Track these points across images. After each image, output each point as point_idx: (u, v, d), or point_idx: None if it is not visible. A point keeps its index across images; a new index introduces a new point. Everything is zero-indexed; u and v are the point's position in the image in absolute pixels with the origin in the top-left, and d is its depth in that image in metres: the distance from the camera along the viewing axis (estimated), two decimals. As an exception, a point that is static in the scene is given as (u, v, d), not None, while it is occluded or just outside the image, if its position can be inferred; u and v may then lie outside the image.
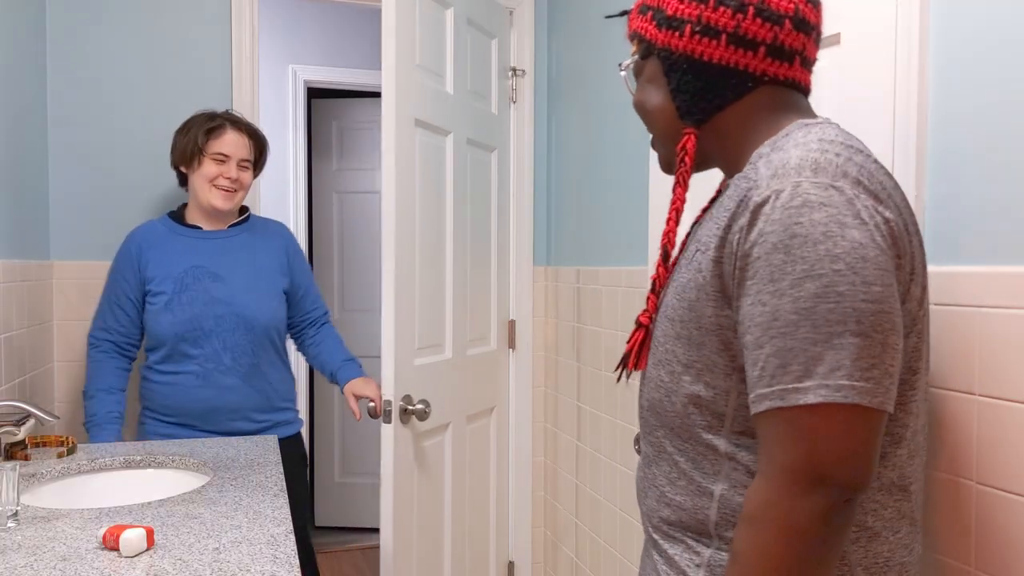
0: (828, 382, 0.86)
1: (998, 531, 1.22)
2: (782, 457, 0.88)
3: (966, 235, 1.28)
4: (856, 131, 1.47)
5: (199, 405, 2.21)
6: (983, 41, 1.25)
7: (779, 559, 0.87)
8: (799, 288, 0.87)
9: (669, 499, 1.06)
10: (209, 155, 2.21)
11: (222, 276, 2.23)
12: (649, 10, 1.07)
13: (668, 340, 1.03)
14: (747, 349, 0.92)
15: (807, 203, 0.88)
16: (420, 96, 2.28)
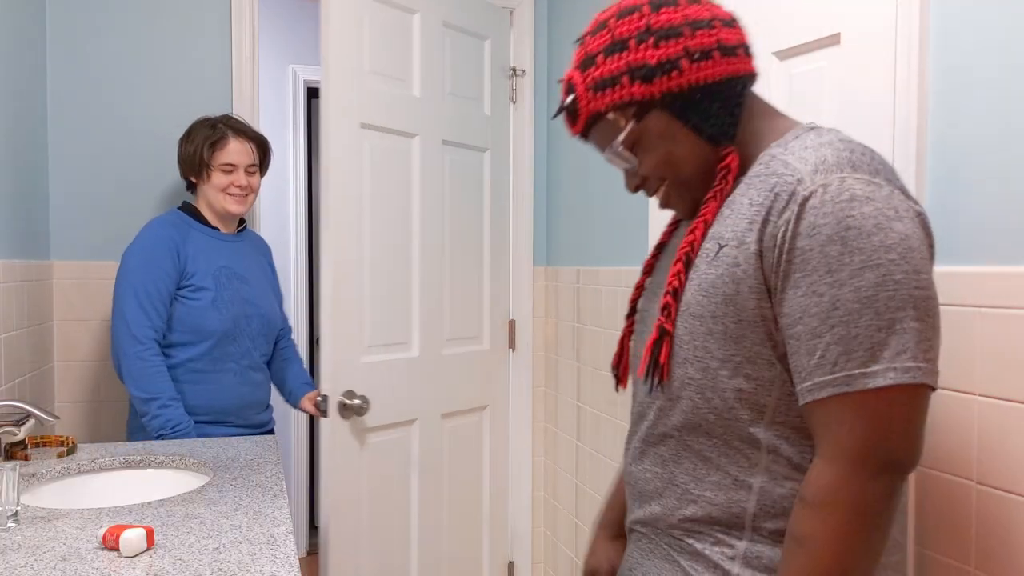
0: (896, 365, 0.90)
1: (998, 531, 1.22)
2: (850, 441, 0.92)
3: (966, 235, 1.28)
4: (856, 131, 1.47)
5: (237, 401, 2.28)
6: (983, 41, 1.25)
7: (851, 540, 0.91)
8: (859, 278, 0.91)
9: (696, 496, 1.07)
10: (217, 167, 2.27)
11: (246, 278, 2.33)
12: (618, 77, 1.05)
13: (697, 338, 1.03)
14: (798, 339, 0.95)
15: (855, 197, 0.93)
16: (371, 100, 2.39)
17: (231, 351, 2.26)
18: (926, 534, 1.34)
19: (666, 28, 1.04)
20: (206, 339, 2.21)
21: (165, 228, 2.24)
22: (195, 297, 2.20)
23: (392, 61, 2.46)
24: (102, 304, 2.55)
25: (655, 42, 1.03)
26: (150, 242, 2.21)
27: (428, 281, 2.62)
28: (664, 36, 1.03)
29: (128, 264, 2.19)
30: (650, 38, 1.04)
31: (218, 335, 2.22)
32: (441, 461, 2.71)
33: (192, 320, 2.20)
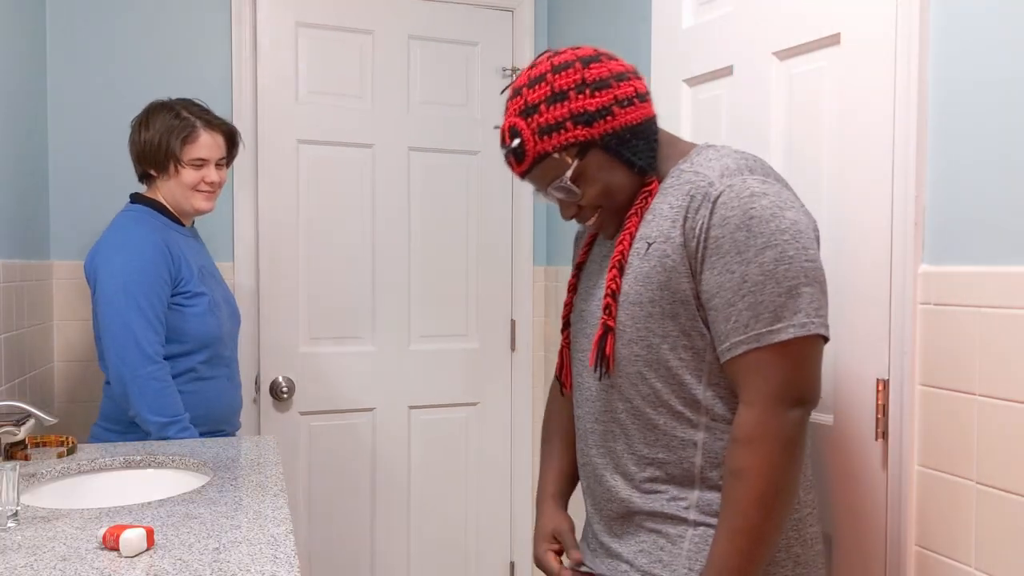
0: (794, 322, 1.13)
1: (998, 531, 1.22)
2: (766, 386, 1.13)
3: (966, 235, 1.28)
4: (856, 131, 1.47)
5: (232, 406, 2.19)
6: (983, 41, 1.25)
7: (781, 466, 1.13)
8: (762, 255, 1.13)
9: (652, 458, 1.24)
10: (187, 162, 2.04)
11: (216, 277, 2.20)
12: (564, 122, 1.22)
13: (638, 321, 1.22)
14: (716, 310, 1.17)
15: (755, 193, 1.15)
16: (308, 118, 2.72)
17: (224, 356, 2.14)
18: (926, 534, 1.35)
19: (598, 80, 1.22)
20: (206, 346, 2.07)
21: (150, 230, 2.02)
22: (192, 304, 2.04)
23: (336, 79, 2.75)
24: (102, 304, 2.55)
25: (591, 92, 1.21)
26: (144, 252, 1.98)
27: (388, 281, 2.83)
28: (597, 87, 1.22)
29: (125, 275, 1.95)
30: (586, 89, 1.21)
31: (215, 340, 2.09)
32: (406, 450, 2.87)
33: (192, 328, 2.03)
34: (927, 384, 1.35)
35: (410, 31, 2.83)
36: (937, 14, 1.33)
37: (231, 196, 2.66)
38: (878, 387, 1.41)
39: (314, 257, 2.76)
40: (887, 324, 1.40)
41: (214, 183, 2.10)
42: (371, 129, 2.80)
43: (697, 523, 1.22)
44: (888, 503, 1.40)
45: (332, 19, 2.76)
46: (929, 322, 1.34)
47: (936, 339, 1.33)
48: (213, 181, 2.09)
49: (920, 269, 1.36)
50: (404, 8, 2.83)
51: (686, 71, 1.92)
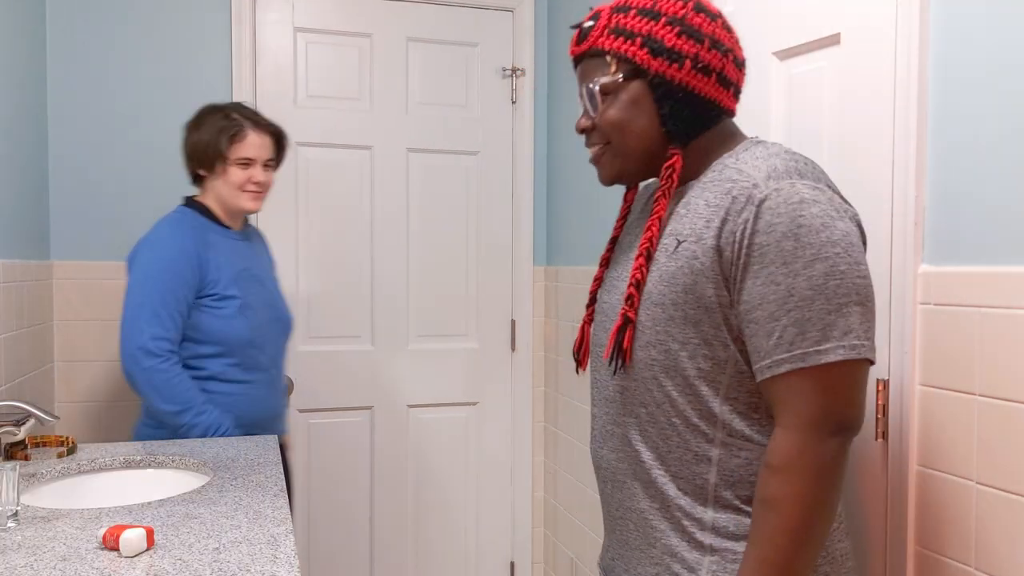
0: (844, 343, 1.03)
1: (998, 531, 1.22)
2: (807, 410, 1.04)
3: (966, 235, 1.28)
4: (856, 131, 1.47)
5: (270, 412, 2.16)
6: (983, 41, 1.25)
7: (816, 497, 1.04)
8: (811, 268, 1.04)
9: (662, 471, 1.17)
10: (233, 161, 2.07)
11: (262, 280, 2.17)
12: (636, 36, 1.15)
13: (659, 323, 1.14)
14: (756, 323, 1.07)
15: (804, 200, 1.05)
16: (307, 122, 2.76)
17: (260, 360, 2.11)
18: (926, 534, 1.34)
19: (693, 29, 1.14)
20: (235, 349, 2.06)
21: (183, 234, 2.05)
22: (221, 306, 2.04)
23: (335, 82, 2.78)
24: (102, 304, 2.55)
25: (679, 32, 1.14)
26: (169, 251, 2.02)
27: (387, 280, 2.84)
28: (688, 33, 1.14)
29: (145, 271, 2.02)
30: (678, 27, 1.14)
31: (246, 344, 2.07)
32: (406, 447, 2.89)
33: (219, 330, 2.04)
34: (927, 384, 1.35)
35: (408, 33, 2.85)
36: (937, 14, 1.33)
37: (231, 196, 2.66)
38: (878, 387, 1.41)
39: (313, 257, 2.77)
40: (887, 324, 1.40)
41: (261, 183, 2.11)
42: (370, 131, 2.81)
43: (714, 549, 1.13)
44: (888, 503, 1.40)
45: (331, 22, 2.77)
46: (929, 322, 1.34)
47: (936, 339, 1.33)
48: (260, 181, 2.10)
49: (920, 269, 1.36)
50: (402, 10, 2.83)
51: (686, 71, 1.92)
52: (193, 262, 2.01)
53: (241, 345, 2.06)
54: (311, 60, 2.75)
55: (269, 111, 2.69)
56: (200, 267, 2.02)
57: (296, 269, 2.75)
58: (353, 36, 2.80)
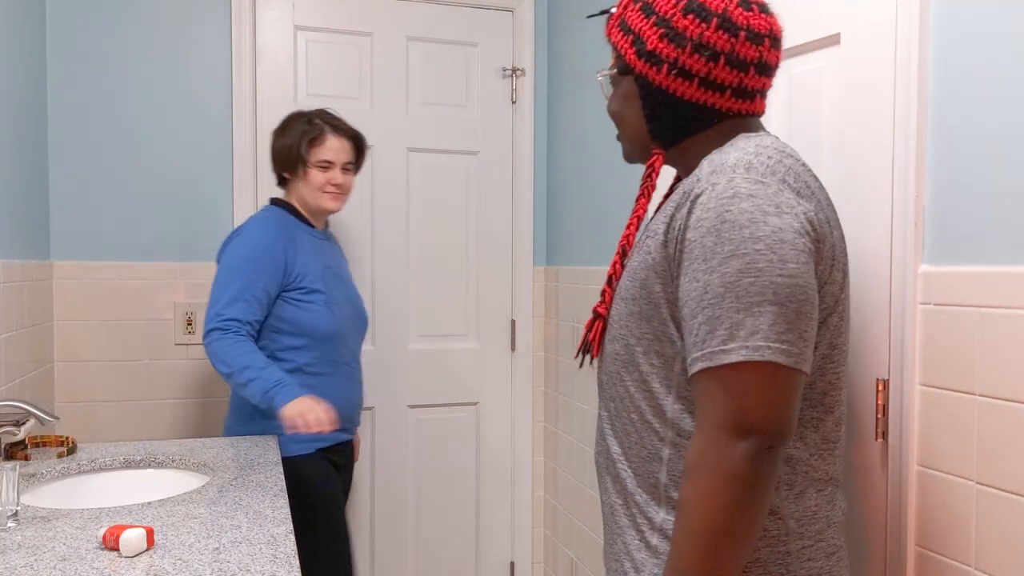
0: (748, 344, 0.99)
1: (998, 531, 1.22)
2: (712, 411, 1.01)
3: (966, 235, 1.28)
4: (855, 131, 1.47)
5: (349, 404, 2.23)
6: (983, 41, 1.25)
7: (715, 502, 0.99)
8: (726, 265, 1.01)
9: (624, 465, 1.18)
10: (313, 164, 2.19)
11: (343, 278, 2.28)
12: (631, 33, 1.16)
13: (622, 318, 1.16)
14: (685, 320, 1.06)
15: (737, 194, 1.03)
16: None
17: (343, 353, 2.22)
18: (926, 534, 1.34)
19: (677, 32, 1.12)
20: (320, 342, 2.15)
21: (269, 229, 2.16)
22: (308, 300, 2.14)
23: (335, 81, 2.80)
24: (102, 304, 2.55)
25: (662, 35, 1.12)
26: (254, 244, 2.12)
27: (387, 280, 2.84)
28: (670, 37, 1.12)
29: (230, 262, 2.11)
30: (662, 28, 1.12)
31: (331, 337, 2.16)
32: (406, 447, 2.88)
33: (306, 322, 2.13)
34: (927, 384, 1.35)
35: (409, 32, 2.85)
36: (937, 14, 1.33)
37: (231, 197, 2.66)
38: (878, 387, 1.41)
39: (314, 257, 2.78)
40: (887, 324, 1.40)
41: (340, 185, 2.22)
42: (370, 130, 2.80)
43: (657, 552, 1.11)
44: (888, 503, 1.40)
45: (331, 21, 2.77)
46: (929, 322, 1.34)
47: (936, 339, 1.32)
48: (339, 183, 2.22)
49: (920, 269, 1.36)
50: (403, 10, 2.83)
51: (686, 71, 1.92)
52: (277, 256, 2.11)
53: (326, 338, 2.16)
54: (311, 59, 2.75)
55: (269, 110, 2.69)
56: (285, 261, 2.12)
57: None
58: (353, 35, 2.80)
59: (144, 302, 2.59)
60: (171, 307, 2.62)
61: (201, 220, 2.65)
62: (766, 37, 1.14)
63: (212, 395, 2.66)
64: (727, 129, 1.17)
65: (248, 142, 2.67)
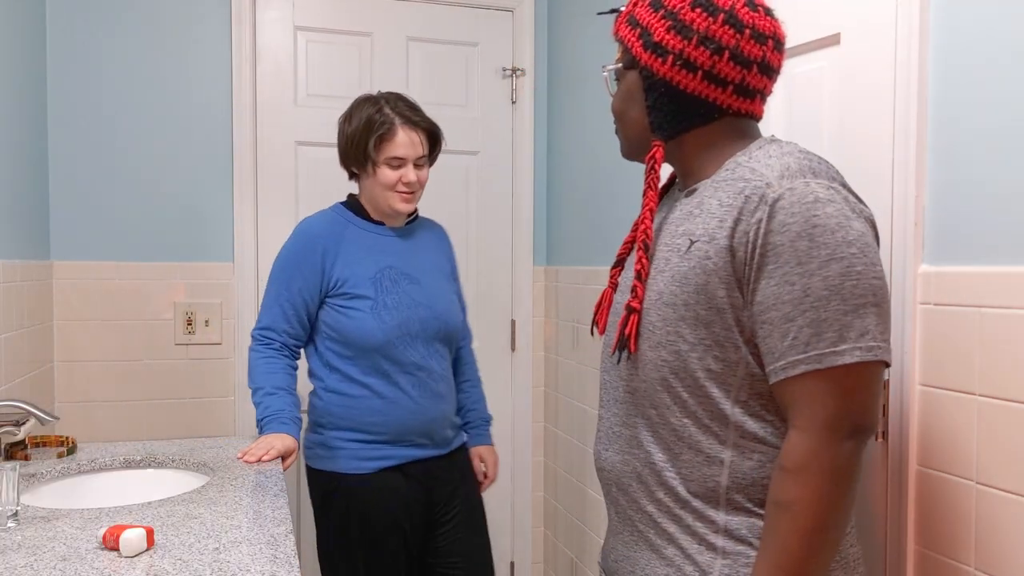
0: (860, 344, 1.02)
1: (998, 531, 1.22)
2: (823, 412, 1.03)
3: (966, 235, 1.28)
4: (856, 131, 1.47)
5: (420, 417, 2.01)
6: (983, 41, 1.25)
7: (830, 500, 1.03)
8: (827, 268, 1.02)
9: (673, 474, 1.15)
10: (383, 162, 1.98)
11: (416, 277, 2.05)
12: (638, 27, 1.18)
13: (669, 323, 1.13)
14: (771, 324, 1.05)
15: (819, 199, 1.04)
16: (307, 121, 2.75)
17: (404, 362, 1.98)
18: (926, 534, 1.34)
19: (684, 24, 1.14)
20: (370, 351, 1.96)
21: (313, 231, 2.03)
22: (351, 306, 1.97)
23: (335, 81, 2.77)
24: (102, 304, 2.55)
25: (669, 27, 1.14)
26: (291, 247, 2.03)
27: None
28: (678, 29, 1.14)
29: (273, 265, 2.06)
30: (669, 21, 1.14)
31: (382, 346, 1.95)
32: None
33: (350, 331, 1.96)
34: (927, 384, 1.35)
35: (409, 33, 2.84)
36: (937, 14, 1.33)
37: (231, 197, 2.66)
38: (878, 387, 1.41)
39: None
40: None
41: (412, 183, 2.01)
42: None
43: (726, 552, 1.11)
44: (888, 503, 1.40)
45: (331, 21, 2.77)
46: (929, 322, 1.34)
47: (936, 339, 1.32)
48: (411, 181, 2.00)
49: (920, 269, 1.36)
50: (403, 10, 2.83)
51: (686, 71, 1.91)
52: (314, 260, 1.99)
53: (374, 347, 1.96)
54: (311, 59, 2.75)
55: (269, 110, 2.69)
56: (323, 266, 1.98)
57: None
58: (353, 35, 2.79)
59: (144, 302, 2.59)
60: (171, 307, 2.62)
61: (201, 220, 2.65)
62: (770, 38, 1.16)
63: (212, 395, 2.66)
64: (727, 126, 1.18)
65: (248, 142, 2.67)
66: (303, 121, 2.74)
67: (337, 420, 1.99)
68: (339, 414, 1.99)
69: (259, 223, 2.69)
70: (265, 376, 1.97)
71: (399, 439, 2.00)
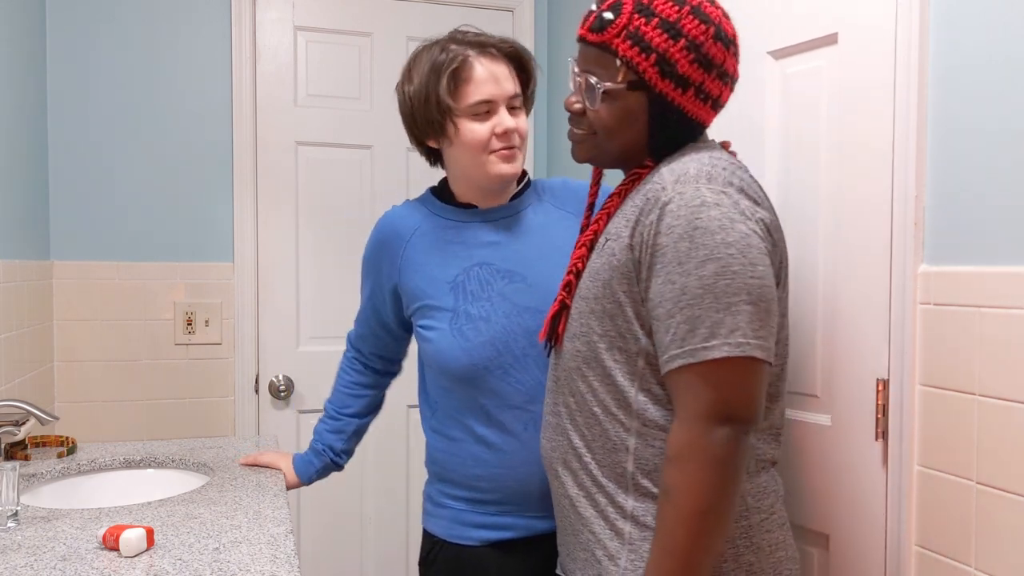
0: (729, 340, 1.07)
1: (998, 531, 1.22)
2: (695, 403, 1.09)
3: (966, 235, 1.28)
4: (855, 131, 1.47)
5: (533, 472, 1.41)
6: (983, 41, 1.25)
7: (708, 485, 1.07)
8: (702, 268, 1.08)
9: (589, 459, 1.22)
10: (464, 111, 1.43)
11: (520, 273, 1.47)
12: (653, 52, 1.14)
13: (583, 316, 1.21)
14: (659, 320, 1.12)
15: (704, 203, 1.10)
16: (308, 120, 2.75)
17: (507, 393, 1.43)
18: (926, 534, 1.35)
19: (708, 58, 1.15)
20: (456, 382, 1.46)
21: (384, 226, 1.57)
22: (428, 324, 1.49)
23: (335, 82, 2.77)
24: (102, 304, 2.55)
25: (693, 60, 1.15)
26: (367, 244, 1.60)
27: None
28: (701, 63, 1.15)
29: None
30: (694, 54, 1.15)
31: (469, 373, 1.44)
32: (405, 447, 2.88)
33: (431, 357, 1.50)
34: (927, 384, 1.35)
35: (409, 32, 2.84)
36: (937, 13, 1.33)
37: (231, 197, 2.66)
38: (878, 387, 1.41)
39: (313, 257, 2.77)
40: (887, 324, 1.40)
41: (510, 132, 1.44)
42: (370, 130, 2.81)
43: (632, 539, 1.17)
44: (888, 503, 1.40)
45: (331, 21, 2.77)
46: (929, 322, 1.34)
47: (936, 339, 1.33)
48: (508, 128, 1.43)
49: (920, 269, 1.36)
50: (403, 10, 2.83)
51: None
52: (379, 265, 1.57)
53: (464, 377, 1.45)
54: (311, 59, 2.75)
55: (269, 110, 2.69)
56: (387, 277, 1.56)
57: (296, 269, 2.74)
58: (353, 35, 2.79)
59: (144, 302, 2.59)
60: (171, 307, 2.62)
61: (201, 220, 2.65)
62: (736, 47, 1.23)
63: (212, 395, 2.66)
64: (700, 140, 1.24)
65: (248, 142, 2.67)
66: (303, 121, 2.74)
67: (440, 469, 1.53)
68: (441, 461, 1.52)
69: (259, 223, 2.69)
70: (332, 397, 1.73)
71: (515, 502, 1.45)
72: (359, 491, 2.81)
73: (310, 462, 1.72)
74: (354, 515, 2.81)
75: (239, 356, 2.66)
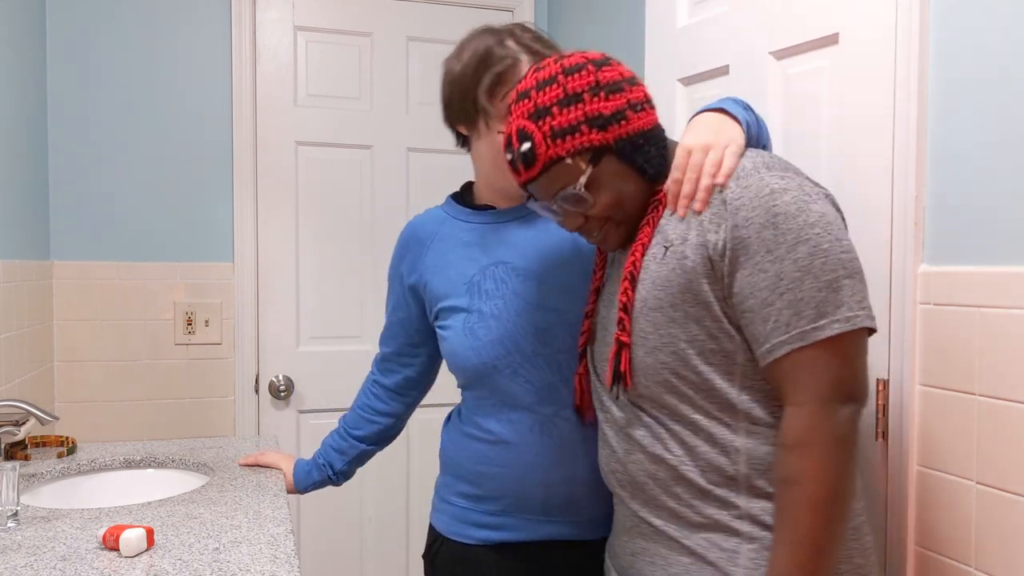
0: (838, 316, 1.07)
1: (998, 531, 1.22)
2: (814, 385, 1.07)
3: (966, 235, 1.28)
4: (855, 131, 1.47)
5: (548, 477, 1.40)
6: (984, 40, 1.25)
7: (837, 469, 1.06)
8: (794, 251, 1.08)
9: (690, 466, 1.17)
10: (498, 116, 1.40)
11: (534, 271, 1.44)
12: (579, 125, 1.16)
13: (660, 327, 1.17)
14: (752, 311, 1.10)
15: (774, 190, 1.11)
16: (308, 120, 2.76)
17: (515, 392, 1.41)
18: (926, 534, 1.35)
19: (611, 83, 1.18)
20: (469, 380, 1.47)
21: (402, 241, 1.59)
22: (445, 324, 1.48)
23: (335, 81, 2.78)
24: (102, 304, 2.55)
25: (605, 95, 1.17)
26: (392, 258, 1.61)
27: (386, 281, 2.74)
28: (611, 90, 1.17)
29: None
30: (601, 92, 1.17)
31: (479, 372, 1.42)
32: (406, 447, 2.86)
33: (447, 357, 1.49)
34: (927, 384, 1.35)
35: (409, 33, 2.85)
36: (937, 13, 1.33)
37: (231, 197, 2.67)
38: (878, 387, 1.41)
39: (313, 257, 2.77)
40: (887, 324, 1.40)
41: None
42: (370, 130, 2.81)
43: (752, 537, 1.13)
44: (888, 503, 1.40)
45: (331, 21, 2.77)
46: (929, 322, 1.34)
47: (936, 339, 1.33)
48: None
49: (920, 269, 1.36)
50: (403, 10, 2.84)
51: (681, 71, 1.92)
52: (400, 272, 1.57)
53: (475, 376, 1.44)
54: (311, 59, 2.76)
55: (269, 110, 2.69)
56: (407, 277, 1.56)
57: (296, 269, 2.75)
58: (353, 35, 2.80)
59: (144, 302, 2.59)
60: (171, 307, 2.62)
61: (201, 220, 2.65)
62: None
63: (212, 395, 2.66)
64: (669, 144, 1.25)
65: (248, 142, 2.67)
66: (303, 121, 2.74)
67: (447, 463, 1.53)
68: (450, 454, 1.52)
69: (259, 223, 2.69)
70: (351, 411, 1.69)
71: (519, 506, 1.43)
72: (359, 491, 2.81)
73: (309, 473, 1.71)
74: (354, 515, 2.81)
75: (239, 356, 2.67)
